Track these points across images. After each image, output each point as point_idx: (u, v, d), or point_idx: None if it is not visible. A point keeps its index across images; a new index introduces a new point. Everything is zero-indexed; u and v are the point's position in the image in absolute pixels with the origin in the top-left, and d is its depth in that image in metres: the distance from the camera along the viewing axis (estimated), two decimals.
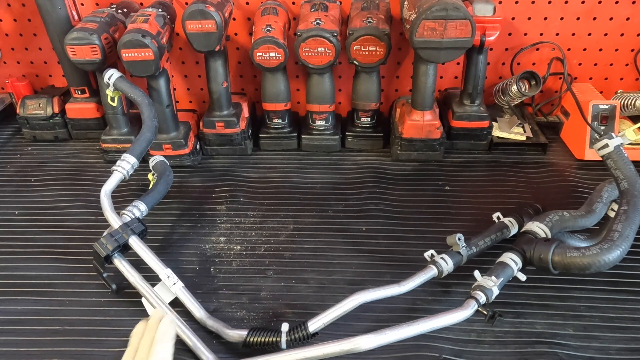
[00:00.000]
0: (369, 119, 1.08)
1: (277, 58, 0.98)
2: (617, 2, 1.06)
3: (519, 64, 1.15)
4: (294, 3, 1.10)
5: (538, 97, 1.17)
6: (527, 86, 1.02)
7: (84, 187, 0.97)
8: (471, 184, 0.98)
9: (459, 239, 0.71)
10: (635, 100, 1.03)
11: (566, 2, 1.07)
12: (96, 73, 1.01)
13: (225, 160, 1.08)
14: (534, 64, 1.15)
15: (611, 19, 1.09)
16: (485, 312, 0.63)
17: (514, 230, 0.79)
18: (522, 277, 0.68)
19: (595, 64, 1.16)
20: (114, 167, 0.82)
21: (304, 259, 0.81)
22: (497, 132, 1.07)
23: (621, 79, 1.17)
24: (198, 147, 1.07)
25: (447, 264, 0.71)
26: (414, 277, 0.69)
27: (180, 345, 0.65)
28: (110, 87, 0.93)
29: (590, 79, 1.17)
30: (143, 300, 0.71)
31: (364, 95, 1.05)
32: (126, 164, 0.82)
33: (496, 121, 1.09)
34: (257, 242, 0.85)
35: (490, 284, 0.65)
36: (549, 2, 1.07)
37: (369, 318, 0.69)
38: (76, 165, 1.05)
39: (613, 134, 0.72)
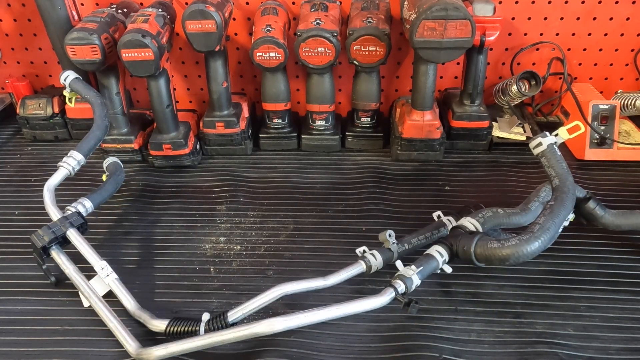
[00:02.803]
0: (369, 119, 1.08)
1: (277, 58, 0.98)
2: (617, 2, 1.06)
3: (519, 64, 1.15)
4: (294, 3, 1.10)
5: (538, 97, 1.17)
6: (527, 86, 1.02)
7: (84, 187, 0.97)
8: (471, 184, 0.98)
9: (389, 236, 0.72)
10: (635, 100, 1.03)
11: (566, 2, 1.07)
12: (96, 73, 1.01)
13: (225, 160, 1.08)
14: (534, 64, 1.15)
15: (611, 19, 1.09)
16: (401, 300, 0.64)
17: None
18: (448, 269, 0.69)
19: (595, 64, 1.16)
20: (59, 163, 0.84)
21: (304, 259, 0.81)
22: (497, 132, 1.07)
23: (621, 79, 1.17)
24: (198, 147, 1.07)
25: (375, 260, 0.72)
26: (341, 272, 0.70)
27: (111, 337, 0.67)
28: (67, 88, 0.95)
29: (590, 79, 1.17)
30: (80, 293, 0.72)
31: (364, 95, 1.05)
32: (72, 160, 0.84)
33: (496, 121, 1.09)
34: (257, 242, 0.85)
35: (410, 273, 0.66)
36: (549, 2, 1.07)
37: (369, 318, 0.69)
38: None
39: (547, 133, 0.74)
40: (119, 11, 1.03)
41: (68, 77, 0.94)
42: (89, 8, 1.12)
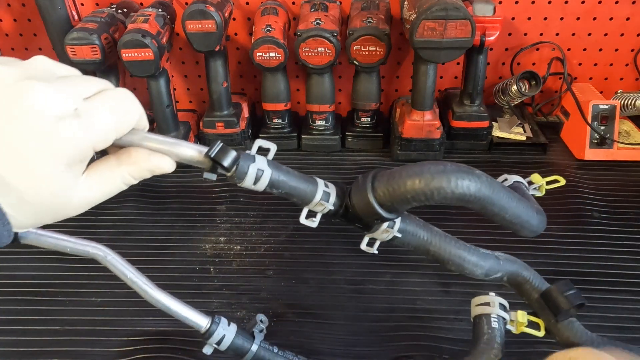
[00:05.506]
0: (369, 119, 1.08)
1: (277, 58, 0.98)
2: (617, 2, 1.06)
3: (519, 64, 1.15)
4: (294, 3, 1.10)
5: (538, 97, 1.17)
6: (527, 86, 1.02)
7: None
8: None
9: (260, 321, 0.54)
10: (635, 100, 1.03)
11: (566, 2, 1.07)
12: (96, 73, 1.01)
13: None
14: (534, 64, 1.15)
15: (611, 19, 1.09)
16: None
17: None
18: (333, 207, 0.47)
19: (595, 64, 1.16)
20: None
21: (304, 259, 0.81)
22: (497, 132, 1.07)
23: (621, 79, 1.17)
24: None
25: (222, 334, 0.53)
26: (183, 307, 0.56)
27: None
28: None
29: (590, 79, 1.17)
30: None
31: (364, 95, 1.05)
32: None
33: (496, 121, 1.09)
34: (257, 242, 0.85)
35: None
36: (549, 2, 1.07)
37: (369, 318, 0.69)
38: None
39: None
40: (119, 11, 1.03)
41: None
42: (89, 8, 1.12)
